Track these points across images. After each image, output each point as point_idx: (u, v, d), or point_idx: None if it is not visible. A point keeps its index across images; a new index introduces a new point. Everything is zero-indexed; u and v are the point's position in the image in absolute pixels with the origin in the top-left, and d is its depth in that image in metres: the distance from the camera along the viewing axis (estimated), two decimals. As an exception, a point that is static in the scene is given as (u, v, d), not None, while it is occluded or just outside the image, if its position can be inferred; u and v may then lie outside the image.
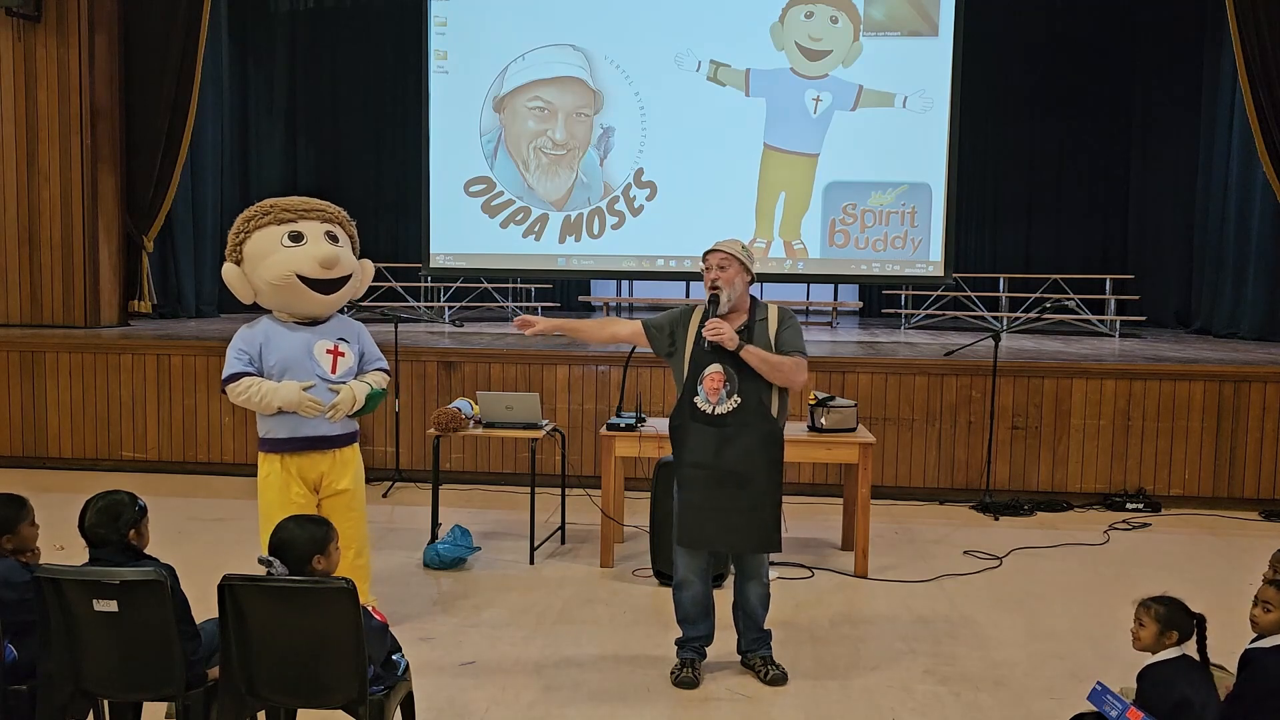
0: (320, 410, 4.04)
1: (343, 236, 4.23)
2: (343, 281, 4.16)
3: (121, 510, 3.04)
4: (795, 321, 3.99)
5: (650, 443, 5.32)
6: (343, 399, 4.08)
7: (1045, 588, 5.23)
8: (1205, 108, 10.23)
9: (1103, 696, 2.86)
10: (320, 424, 4.09)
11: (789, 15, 9.53)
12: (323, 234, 4.13)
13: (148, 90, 8.97)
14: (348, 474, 4.20)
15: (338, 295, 4.17)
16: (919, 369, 7.04)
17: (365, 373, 4.26)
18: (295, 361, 4.07)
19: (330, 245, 4.10)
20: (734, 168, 9.60)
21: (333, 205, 4.30)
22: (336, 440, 4.15)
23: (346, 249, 4.21)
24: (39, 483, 6.90)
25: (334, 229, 4.19)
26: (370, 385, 4.19)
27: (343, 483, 4.18)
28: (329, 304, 4.17)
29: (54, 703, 2.94)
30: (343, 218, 4.29)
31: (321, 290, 4.10)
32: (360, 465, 4.31)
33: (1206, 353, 8.08)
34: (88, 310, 8.72)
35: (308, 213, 4.16)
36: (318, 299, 4.11)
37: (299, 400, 4.00)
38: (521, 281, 11.05)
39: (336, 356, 4.13)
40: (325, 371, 4.09)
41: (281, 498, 4.04)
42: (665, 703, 3.83)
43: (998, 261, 11.72)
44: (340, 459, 4.19)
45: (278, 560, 2.95)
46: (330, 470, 4.16)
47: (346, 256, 4.17)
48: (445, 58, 9.85)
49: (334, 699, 2.91)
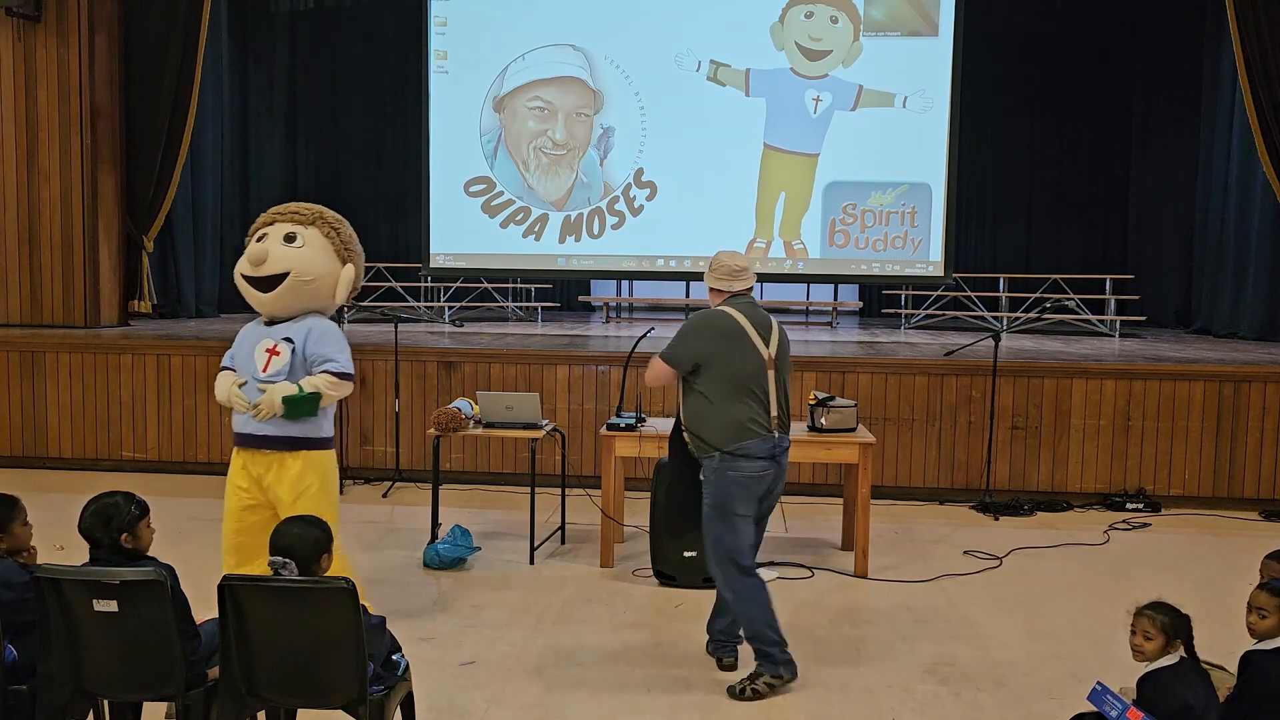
0: (246, 407, 4.03)
1: (312, 238, 4.11)
2: (276, 280, 4.03)
3: (114, 513, 3.05)
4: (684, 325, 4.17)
5: (650, 443, 5.32)
6: (263, 401, 3.99)
7: (1045, 588, 5.23)
8: (1205, 108, 10.23)
9: (1103, 696, 2.86)
10: (249, 422, 4.06)
11: (789, 15, 9.53)
12: (282, 235, 4.09)
13: (148, 90, 8.97)
14: (285, 482, 4.02)
15: (276, 294, 4.05)
16: (919, 369, 7.04)
17: (310, 374, 4.07)
18: (242, 358, 4.13)
19: (268, 244, 4.05)
20: (734, 168, 9.61)
21: (317, 208, 4.22)
22: (268, 441, 4.03)
23: (307, 250, 4.08)
24: (39, 483, 6.91)
25: (297, 229, 4.11)
26: (298, 389, 3.98)
27: (280, 488, 4.04)
28: (267, 302, 4.09)
29: (54, 703, 2.94)
30: (323, 220, 4.17)
31: (256, 288, 4.08)
32: (316, 473, 4.08)
33: (1206, 353, 8.08)
34: (88, 310, 8.72)
35: (282, 215, 4.17)
36: (256, 296, 4.10)
37: (226, 395, 4.08)
38: (521, 281, 11.05)
39: (271, 356, 4.06)
40: (257, 370, 4.05)
41: (231, 486, 4.13)
42: (665, 703, 3.83)
43: (998, 261, 11.72)
44: (281, 465, 4.04)
45: (293, 562, 2.95)
46: (268, 474, 4.05)
47: (286, 256, 4.04)
48: (445, 58, 9.85)
49: (334, 699, 2.91)
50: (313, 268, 4.09)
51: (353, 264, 4.22)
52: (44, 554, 3.48)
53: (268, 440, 4.03)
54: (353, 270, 4.22)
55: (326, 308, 4.22)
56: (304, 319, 4.12)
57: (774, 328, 4.13)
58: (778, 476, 4.06)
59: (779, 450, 4.03)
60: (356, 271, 4.25)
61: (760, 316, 4.12)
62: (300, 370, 4.07)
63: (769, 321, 4.14)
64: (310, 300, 4.13)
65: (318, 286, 4.12)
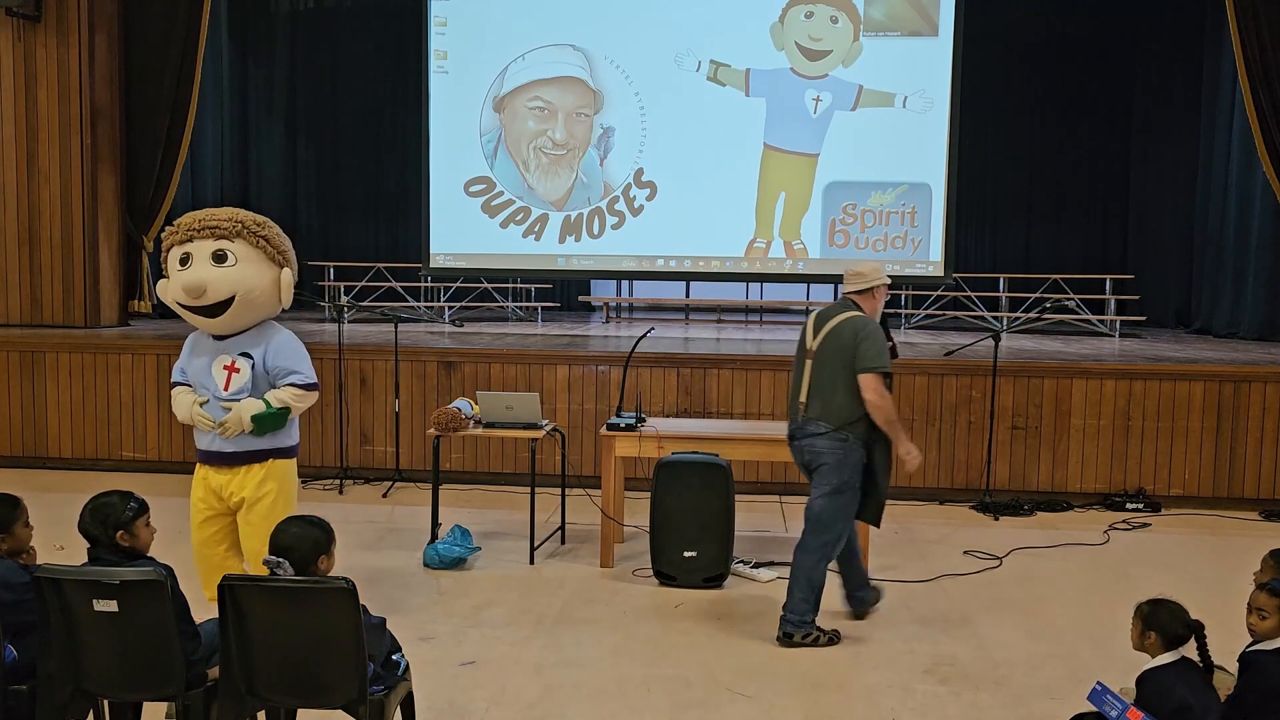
0: (211, 426, 4.01)
1: (242, 251, 3.99)
2: (222, 306, 3.95)
3: (110, 513, 3.07)
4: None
5: (650, 443, 5.32)
6: (230, 419, 3.98)
7: (1045, 588, 5.23)
8: (1205, 108, 10.23)
9: (1103, 696, 2.86)
10: (215, 440, 4.04)
11: (789, 15, 9.52)
12: (209, 254, 3.95)
13: (148, 90, 8.97)
14: (248, 486, 4.06)
15: (227, 317, 3.99)
16: (919, 369, 7.04)
17: (274, 388, 4.07)
18: (198, 374, 4.08)
19: (200, 272, 3.91)
20: (734, 168, 9.60)
21: (239, 214, 4.07)
22: (234, 458, 4.04)
23: (241, 265, 3.97)
24: (39, 483, 6.91)
25: (227, 245, 3.97)
26: (266, 404, 4.00)
27: (243, 492, 4.07)
28: (218, 326, 4.02)
29: (54, 703, 2.95)
30: (246, 228, 4.02)
31: (203, 315, 3.98)
32: (276, 479, 4.10)
33: (1206, 353, 8.08)
34: (88, 310, 8.72)
35: (200, 231, 3.98)
36: (206, 323, 4.02)
37: (188, 414, 4.04)
38: (521, 281, 11.05)
39: (231, 373, 4.01)
40: (218, 389, 4.01)
41: (192, 501, 4.14)
42: (665, 703, 3.83)
43: (998, 261, 11.71)
44: (248, 472, 4.07)
45: (287, 561, 2.95)
46: (230, 483, 4.08)
47: (224, 279, 3.93)
48: (445, 58, 9.85)
49: (334, 699, 2.91)
50: (254, 282, 4.01)
51: (288, 265, 4.14)
52: (44, 554, 3.48)
53: (237, 457, 4.06)
54: (290, 272, 4.14)
55: (273, 313, 4.18)
56: (258, 331, 4.10)
57: (831, 323, 4.41)
58: (800, 458, 4.48)
59: (800, 434, 4.45)
60: (293, 270, 4.18)
61: (830, 312, 4.48)
62: (263, 384, 4.06)
63: (831, 316, 4.45)
64: (259, 312, 4.10)
65: (263, 299, 4.07)
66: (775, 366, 7.12)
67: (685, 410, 7.10)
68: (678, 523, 5.06)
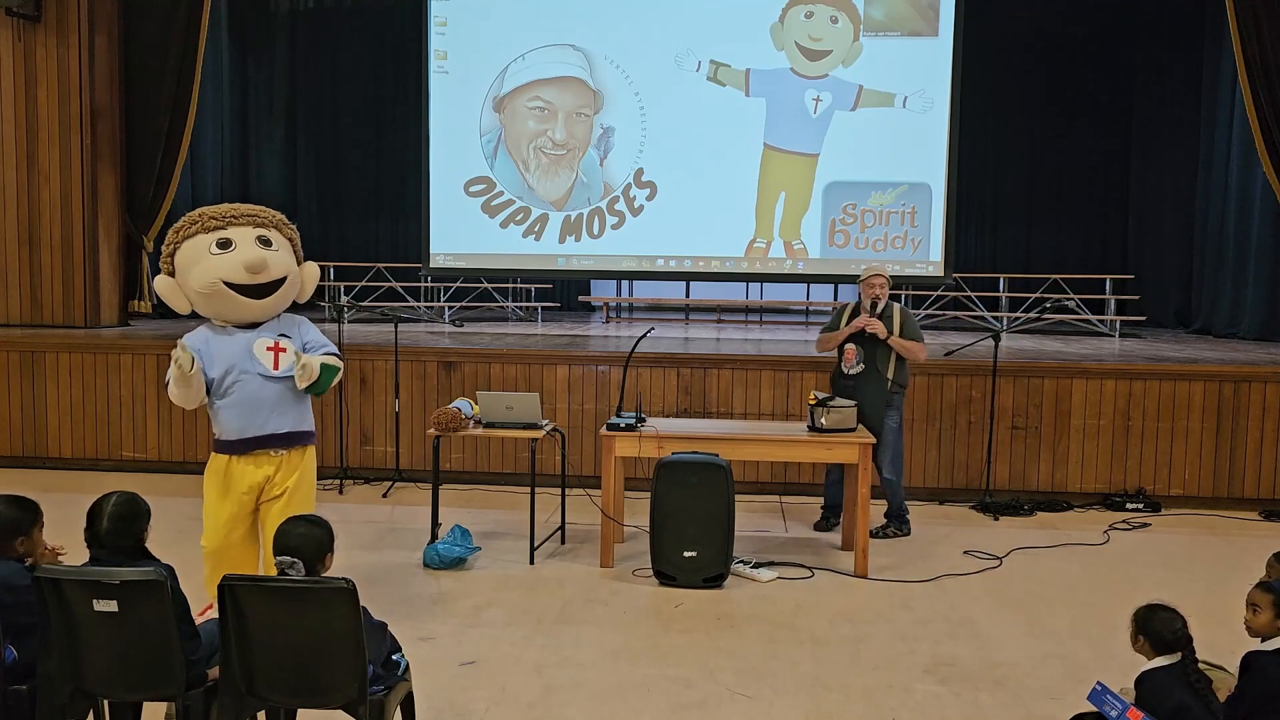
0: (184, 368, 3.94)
1: (279, 240, 4.17)
2: (274, 285, 4.09)
3: (138, 514, 3.09)
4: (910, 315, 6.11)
5: (650, 443, 5.32)
6: (308, 362, 4.05)
7: (1045, 588, 5.23)
8: (1205, 108, 10.23)
9: (1103, 696, 2.86)
10: (269, 421, 4.05)
11: (789, 15, 9.53)
12: (254, 239, 4.07)
13: (148, 90, 8.97)
14: (292, 477, 4.12)
15: (272, 300, 4.10)
16: (918, 369, 7.02)
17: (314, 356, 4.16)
18: (237, 362, 4.05)
19: (259, 250, 4.04)
20: (734, 168, 9.60)
21: (268, 210, 4.24)
22: (290, 439, 4.10)
23: (283, 252, 4.15)
24: (39, 483, 6.90)
25: (267, 233, 4.13)
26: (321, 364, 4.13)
27: (288, 481, 4.11)
28: (262, 309, 4.11)
29: (54, 703, 2.94)
30: (278, 221, 4.22)
31: (252, 295, 4.05)
32: (309, 470, 4.21)
33: (1206, 353, 8.08)
34: (88, 310, 8.72)
35: (238, 219, 4.10)
36: (248, 304, 4.07)
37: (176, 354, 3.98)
38: (521, 281, 11.05)
39: (278, 353, 4.08)
40: (267, 369, 4.05)
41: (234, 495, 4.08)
42: (665, 703, 3.83)
43: (998, 261, 11.72)
44: (287, 464, 4.13)
45: (300, 562, 2.95)
46: (277, 472, 4.11)
47: (278, 260, 4.10)
48: (445, 58, 9.85)
49: (334, 699, 2.91)
50: (292, 270, 4.21)
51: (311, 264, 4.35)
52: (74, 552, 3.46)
53: (294, 437, 4.13)
54: (314, 266, 4.34)
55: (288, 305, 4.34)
56: (279, 321, 4.22)
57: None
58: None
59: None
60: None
61: None
62: None
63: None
64: (289, 300, 4.26)
65: (294, 289, 4.25)
66: (775, 366, 7.12)
67: (685, 410, 7.10)
68: (678, 523, 5.06)
